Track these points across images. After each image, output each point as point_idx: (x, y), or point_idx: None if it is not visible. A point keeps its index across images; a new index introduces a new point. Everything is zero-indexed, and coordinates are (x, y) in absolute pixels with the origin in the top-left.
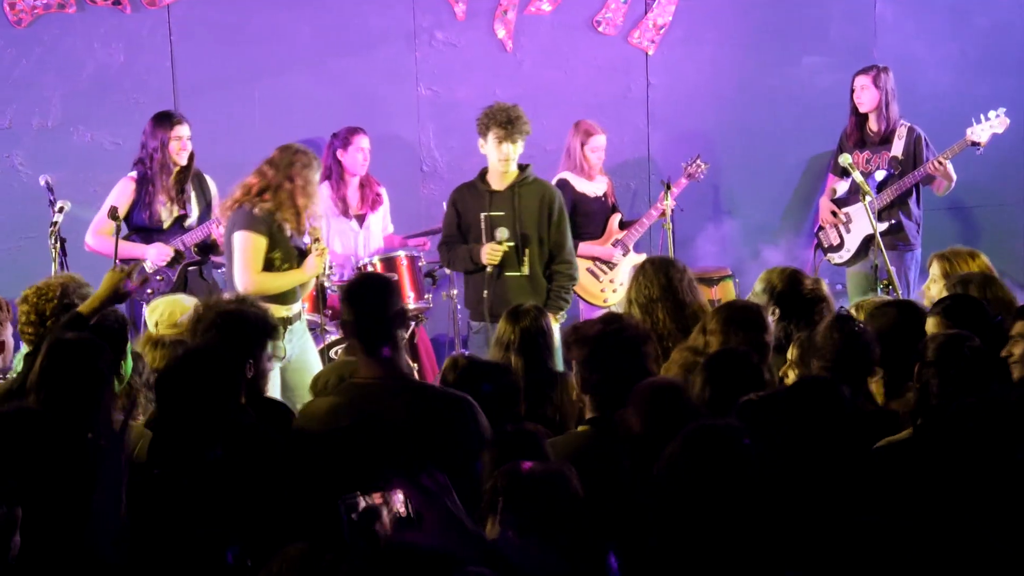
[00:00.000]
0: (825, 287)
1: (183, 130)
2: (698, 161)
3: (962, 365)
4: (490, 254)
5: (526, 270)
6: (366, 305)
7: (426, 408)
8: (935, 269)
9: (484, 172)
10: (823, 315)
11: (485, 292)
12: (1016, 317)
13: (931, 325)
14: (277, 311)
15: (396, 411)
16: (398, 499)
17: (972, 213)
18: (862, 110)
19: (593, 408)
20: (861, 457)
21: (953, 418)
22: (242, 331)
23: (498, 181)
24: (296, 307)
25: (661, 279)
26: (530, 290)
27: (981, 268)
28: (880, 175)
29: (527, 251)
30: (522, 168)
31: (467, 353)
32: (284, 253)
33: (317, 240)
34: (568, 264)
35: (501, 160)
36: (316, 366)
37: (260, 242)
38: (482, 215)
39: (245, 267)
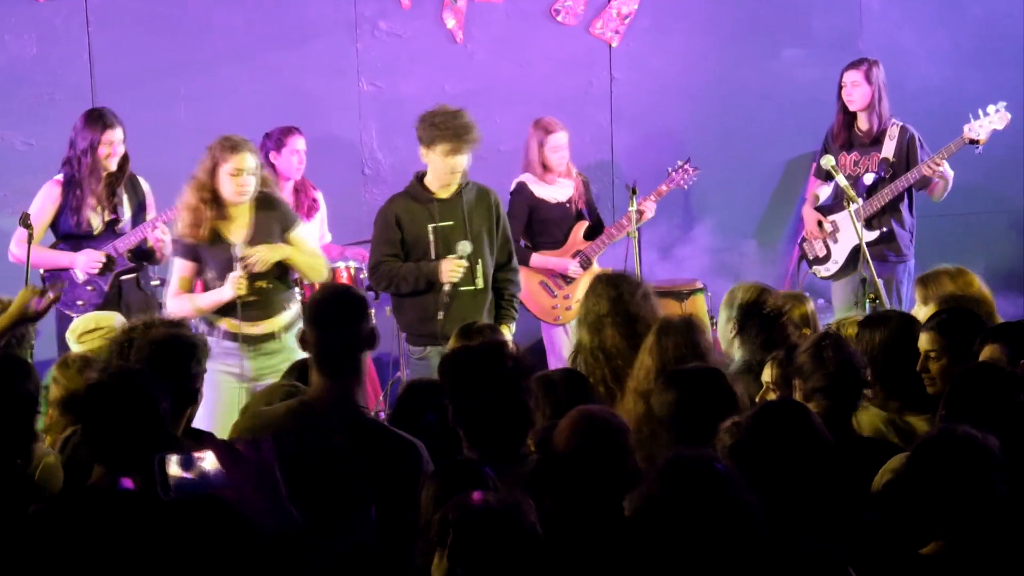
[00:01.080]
0: (810, 305)
1: (115, 134)
2: (687, 166)
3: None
4: (453, 270)
5: (481, 283)
6: (334, 326)
7: (373, 449)
8: (916, 294)
9: (420, 177)
10: (786, 333)
11: (440, 313)
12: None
13: (924, 341)
14: (245, 327)
15: (341, 445)
16: (210, 458)
17: (968, 220)
18: (853, 108)
19: (466, 445)
20: (851, 486)
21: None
22: (172, 353)
23: (442, 188)
24: (267, 325)
25: (611, 293)
26: (486, 305)
27: (962, 288)
28: (869, 178)
29: (480, 262)
30: None
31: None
32: (226, 275)
33: (243, 257)
34: (516, 271)
35: (449, 173)
36: None
37: (181, 265)
38: (430, 227)
39: (167, 292)
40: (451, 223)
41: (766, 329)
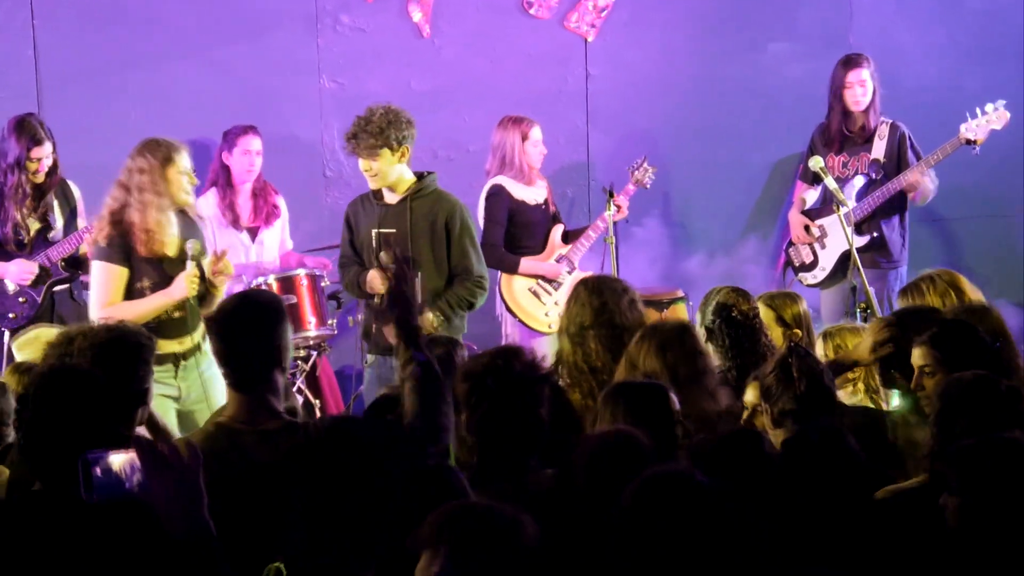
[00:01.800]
0: (803, 305)
1: (43, 150)
2: (645, 164)
3: (992, 408)
4: (371, 281)
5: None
6: (236, 336)
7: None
8: (900, 304)
9: None
10: (756, 339)
11: (374, 325)
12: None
13: (917, 356)
14: (166, 346)
15: (264, 461)
16: (133, 460)
17: (966, 225)
18: (859, 109)
19: (478, 452)
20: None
21: (973, 460)
22: (117, 352)
23: (392, 192)
24: (191, 340)
25: (594, 302)
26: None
27: (945, 296)
28: (859, 181)
29: (418, 275)
30: (421, 177)
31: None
32: (159, 279)
33: (194, 259)
34: (472, 287)
35: (366, 176)
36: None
37: (114, 272)
38: (373, 232)
39: (94, 301)
40: (393, 230)
41: (734, 335)
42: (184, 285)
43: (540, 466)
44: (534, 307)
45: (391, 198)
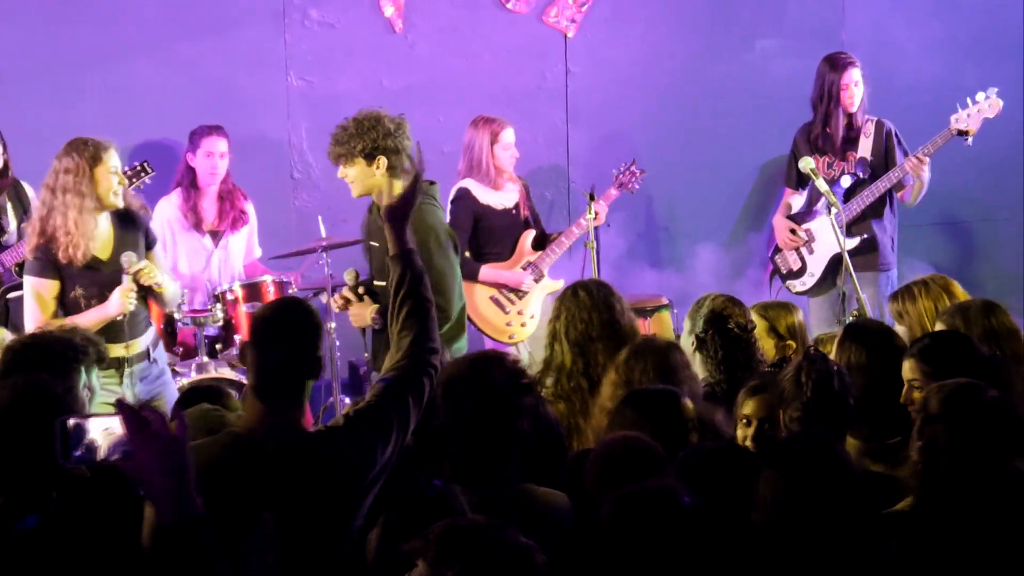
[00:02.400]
0: (798, 315)
1: None
2: (633, 167)
3: (979, 420)
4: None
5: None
6: (278, 346)
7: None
8: (890, 309)
9: None
10: (751, 353)
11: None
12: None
13: (907, 369)
14: (112, 350)
15: (286, 477)
16: (116, 426)
17: (960, 229)
18: (854, 110)
19: (453, 463)
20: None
21: (969, 485)
22: (51, 358)
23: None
24: (137, 345)
25: (602, 312)
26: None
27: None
28: (847, 181)
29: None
30: None
31: None
32: (93, 285)
33: (133, 272)
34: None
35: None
36: None
37: (42, 287)
38: (369, 244)
39: (26, 321)
40: (376, 244)
41: (727, 346)
42: (119, 300)
43: (518, 479)
44: (495, 317)
45: (376, 210)
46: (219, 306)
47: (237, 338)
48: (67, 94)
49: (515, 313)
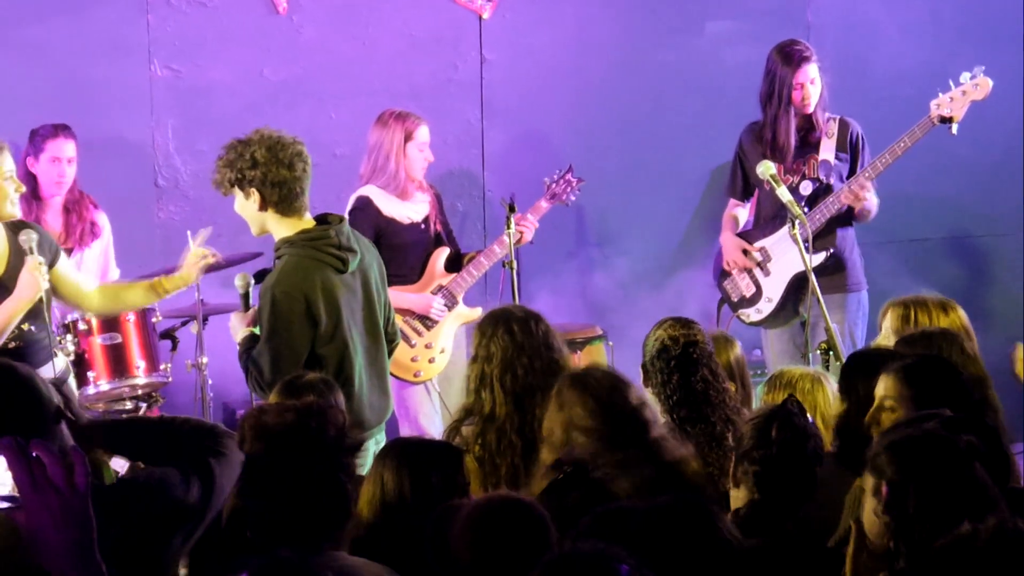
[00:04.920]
0: (736, 350)
1: None
2: (568, 175)
3: (953, 478)
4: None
5: None
6: None
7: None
8: (889, 322)
9: None
10: (709, 383)
11: None
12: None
13: (883, 387)
14: None
15: None
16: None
17: (955, 245)
18: (810, 110)
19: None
20: None
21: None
22: None
23: None
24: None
25: (543, 353)
26: None
27: (955, 326)
28: (807, 189)
29: None
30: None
31: None
32: None
33: (30, 251)
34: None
35: None
36: None
37: None
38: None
39: None
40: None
41: (675, 376)
42: (30, 279)
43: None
44: (400, 351)
45: None
46: (69, 337)
47: (91, 375)
48: None
49: (423, 346)
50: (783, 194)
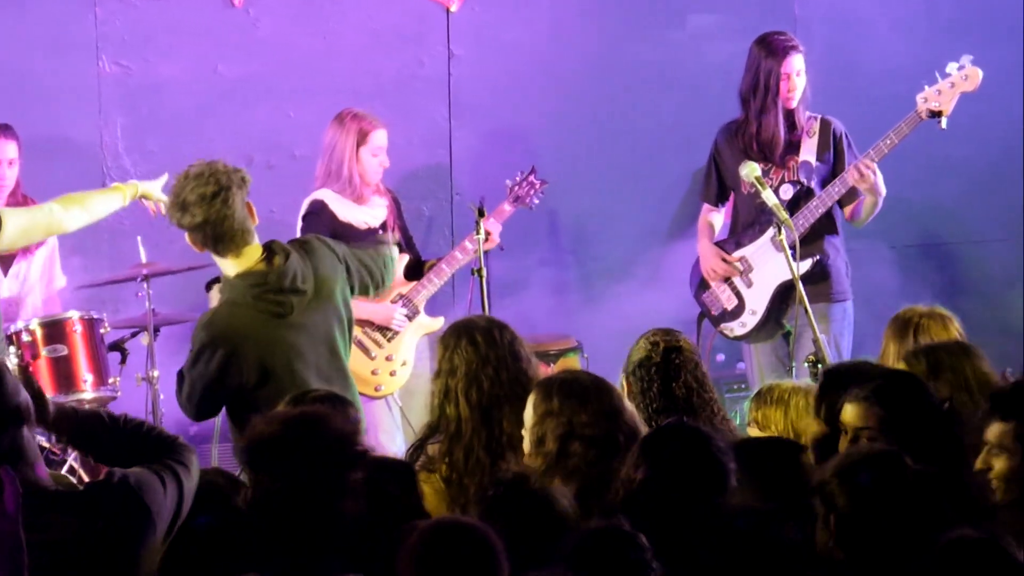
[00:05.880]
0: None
1: None
2: (531, 177)
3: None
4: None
5: None
6: None
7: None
8: (892, 338)
9: None
10: (692, 389)
11: None
12: (990, 415)
13: (852, 415)
14: None
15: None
16: None
17: (951, 251)
18: (793, 105)
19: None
20: None
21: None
22: None
23: None
24: None
25: (509, 365)
26: None
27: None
28: (787, 192)
29: None
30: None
31: None
32: None
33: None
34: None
35: None
36: None
37: None
38: None
39: None
40: None
41: (655, 384)
42: None
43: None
44: (359, 363)
45: None
46: (12, 349)
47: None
48: None
49: (383, 359)
50: (769, 197)
